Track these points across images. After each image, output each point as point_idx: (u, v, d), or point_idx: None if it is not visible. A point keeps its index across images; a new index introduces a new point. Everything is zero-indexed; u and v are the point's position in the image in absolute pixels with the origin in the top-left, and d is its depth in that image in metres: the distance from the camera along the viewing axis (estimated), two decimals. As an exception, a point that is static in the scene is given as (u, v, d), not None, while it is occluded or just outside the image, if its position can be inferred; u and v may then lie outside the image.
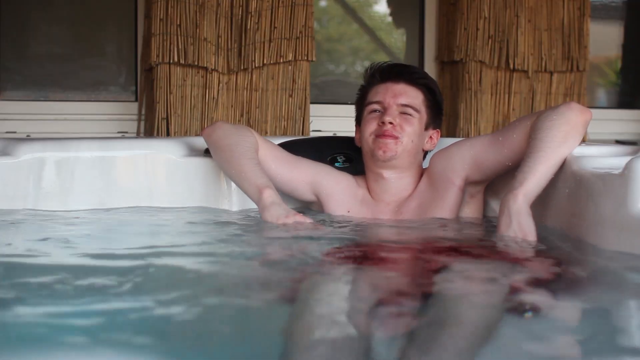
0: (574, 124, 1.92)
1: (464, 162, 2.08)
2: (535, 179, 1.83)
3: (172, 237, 1.96)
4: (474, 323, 1.21)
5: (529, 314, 1.27)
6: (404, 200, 2.12)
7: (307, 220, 1.93)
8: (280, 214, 1.94)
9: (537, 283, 1.48)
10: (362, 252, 1.74)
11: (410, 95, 2.10)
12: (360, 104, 2.19)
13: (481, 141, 2.10)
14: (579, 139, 1.94)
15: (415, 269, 1.63)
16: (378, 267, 1.59)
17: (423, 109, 2.11)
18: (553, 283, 1.49)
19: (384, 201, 2.13)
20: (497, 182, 2.18)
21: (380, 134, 2.06)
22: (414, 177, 2.15)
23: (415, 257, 1.73)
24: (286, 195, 2.17)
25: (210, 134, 2.18)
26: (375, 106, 2.10)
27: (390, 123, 2.05)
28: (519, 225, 1.77)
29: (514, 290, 1.40)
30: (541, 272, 1.59)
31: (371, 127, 2.09)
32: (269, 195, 1.98)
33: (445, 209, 2.07)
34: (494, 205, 2.24)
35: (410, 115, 2.08)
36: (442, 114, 2.20)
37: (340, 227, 2.04)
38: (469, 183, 2.10)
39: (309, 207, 2.25)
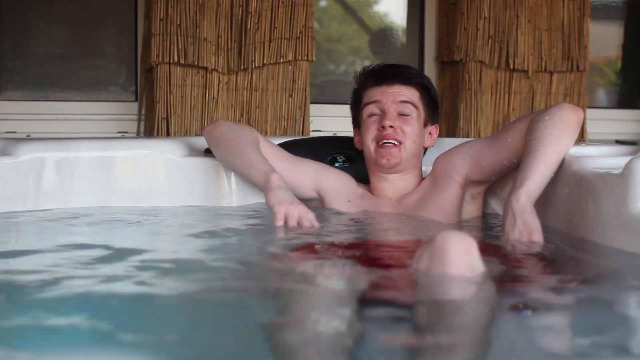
0: (567, 121, 1.94)
1: (464, 161, 2.10)
2: (535, 177, 1.84)
3: (172, 237, 1.96)
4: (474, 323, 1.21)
5: (528, 312, 1.26)
6: (406, 195, 2.14)
7: (310, 213, 1.92)
8: (284, 198, 1.93)
9: (535, 281, 1.49)
10: (355, 249, 1.75)
11: (407, 95, 2.11)
12: (356, 107, 2.19)
13: (480, 142, 2.14)
14: (573, 136, 1.96)
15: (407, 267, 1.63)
16: (370, 264, 1.59)
17: (420, 106, 2.13)
18: (553, 282, 1.49)
19: (386, 196, 2.15)
20: (497, 182, 2.19)
21: (381, 140, 2.07)
22: (416, 176, 2.17)
23: (407, 256, 1.73)
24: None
25: (212, 130, 2.19)
26: (374, 109, 2.11)
27: (391, 127, 2.06)
28: (524, 224, 1.77)
29: (512, 289, 1.41)
30: (539, 271, 1.59)
31: (371, 132, 2.10)
32: (277, 178, 1.98)
33: (445, 201, 2.09)
34: (494, 205, 2.24)
35: (408, 115, 2.09)
36: (438, 109, 2.23)
37: (339, 222, 2.04)
38: (469, 182, 2.12)
39: (308, 204, 2.25)
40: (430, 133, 2.19)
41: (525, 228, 1.77)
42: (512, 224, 1.78)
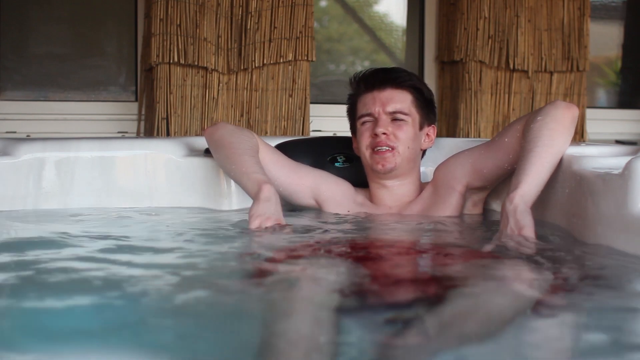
0: (560, 120, 1.93)
1: (464, 169, 2.11)
2: (529, 178, 1.83)
3: (172, 237, 1.96)
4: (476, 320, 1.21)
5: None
6: (406, 205, 2.13)
7: (282, 233, 1.88)
8: (264, 212, 1.89)
9: (535, 282, 1.49)
10: (353, 249, 1.75)
11: (398, 100, 2.10)
12: (352, 115, 2.19)
13: (479, 149, 2.14)
14: (567, 134, 1.94)
15: (403, 267, 1.63)
16: (362, 264, 1.59)
17: (413, 110, 2.11)
18: (551, 282, 1.49)
19: (385, 205, 2.14)
20: (500, 185, 2.19)
21: (375, 147, 2.07)
22: (415, 182, 2.17)
23: (402, 256, 1.73)
24: (285, 201, 2.18)
25: (212, 132, 2.18)
26: (366, 118, 2.11)
27: (384, 134, 2.06)
28: (515, 222, 1.76)
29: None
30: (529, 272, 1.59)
31: (365, 140, 2.10)
32: (268, 190, 1.95)
33: (446, 212, 2.10)
34: (495, 205, 2.24)
35: (401, 120, 2.08)
36: (434, 109, 2.20)
37: (335, 225, 2.04)
38: (470, 189, 2.13)
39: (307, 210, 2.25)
40: (427, 134, 2.17)
41: (516, 225, 1.75)
42: (505, 224, 1.78)
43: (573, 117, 1.95)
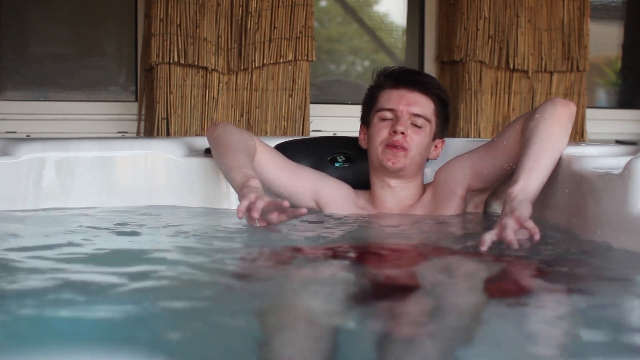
0: (557, 116, 1.93)
1: (464, 172, 2.11)
2: (530, 174, 1.82)
3: (171, 237, 1.96)
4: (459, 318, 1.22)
5: None
6: (408, 208, 2.14)
7: (263, 200, 1.83)
8: (255, 192, 1.85)
9: (535, 282, 1.49)
10: (347, 249, 1.75)
11: (423, 105, 2.10)
12: (369, 107, 2.17)
13: (478, 151, 2.14)
14: (565, 130, 1.94)
15: (400, 266, 1.63)
16: (361, 263, 1.59)
17: (433, 119, 2.11)
18: (552, 282, 1.49)
19: (387, 208, 2.14)
20: (501, 185, 2.19)
21: (390, 144, 2.06)
22: (417, 187, 2.17)
23: (400, 255, 1.73)
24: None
25: (212, 131, 2.19)
26: (387, 114, 2.09)
27: (402, 133, 2.05)
28: (511, 210, 1.70)
29: (511, 289, 1.41)
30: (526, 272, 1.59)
31: (381, 135, 2.09)
32: (256, 182, 1.92)
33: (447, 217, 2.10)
34: (495, 205, 2.25)
35: (420, 127, 2.08)
36: (448, 124, 2.21)
37: (336, 226, 2.04)
38: (471, 191, 2.14)
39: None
40: (436, 146, 2.18)
41: (512, 214, 1.68)
42: (504, 215, 1.72)
43: (570, 113, 1.95)
